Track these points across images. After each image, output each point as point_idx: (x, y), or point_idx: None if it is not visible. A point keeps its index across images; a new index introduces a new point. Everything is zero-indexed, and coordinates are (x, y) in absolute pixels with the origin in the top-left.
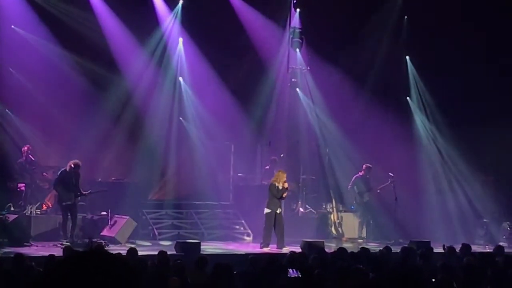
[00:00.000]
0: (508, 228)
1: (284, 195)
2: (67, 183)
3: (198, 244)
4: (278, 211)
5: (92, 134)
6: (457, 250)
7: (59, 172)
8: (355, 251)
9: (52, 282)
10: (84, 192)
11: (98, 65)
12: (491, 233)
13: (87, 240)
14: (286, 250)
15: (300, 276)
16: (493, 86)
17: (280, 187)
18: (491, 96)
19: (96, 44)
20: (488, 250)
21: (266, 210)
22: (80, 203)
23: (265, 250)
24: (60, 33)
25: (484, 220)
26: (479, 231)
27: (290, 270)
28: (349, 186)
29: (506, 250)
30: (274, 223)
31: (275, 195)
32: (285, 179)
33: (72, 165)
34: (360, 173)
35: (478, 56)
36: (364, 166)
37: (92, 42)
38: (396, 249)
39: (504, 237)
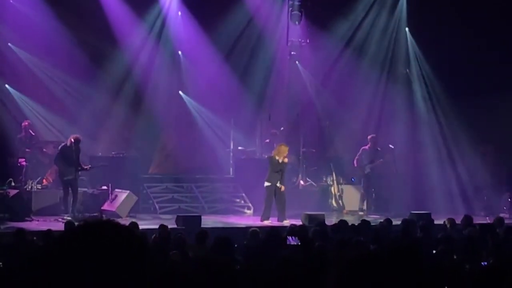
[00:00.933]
0: (509, 199)
1: (283, 171)
2: (68, 158)
3: (199, 218)
4: (278, 184)
5: (92, 109)
6: (458, 221)
7: (60, 147)
8: (356, 223)
9: (57, 255)
10: (85, 167)
11: (97, 39)
12: (492, 205)
13: (87, 215)
14: (286, 223)
15: (299, 244)
16: (492, 58)
17: (280, 161)
18: (491, 67)
19: (95, 18)
20: (489, 222)
21: (266, 183)
22: (80, 177)
23: (266, 223)
24: (59, 8)
25: (484, 191)
26: (479, 202)
27: (290, 238)
28: (355, 160)
29: (506, 221)
30: (275, 196)
31: (274, 168)
32: (286, 153)
33: (73, 140)
34: (367, 146)
35: (478, 27)
36: (369, 137)
37: (90, 16)
38: (396, 221)
39: (504, 208)
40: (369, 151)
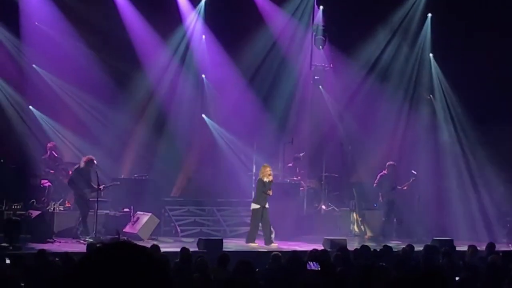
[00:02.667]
0: None
1: (269, 193)
2: (82, 180)
3: (221, 241)
4: (266, 206)
5: (115, 131)
6: (480, 248)
7: (74, 169)
8: (378, 249)
9: (78, 278)
10: (96, 187)
11: (121, 62)
12: None
13: (109, 237)
14: (274, 246)
15: (319, 269)
16: None
17: (267, 181)
18: None
19: (119, 40)
20: None
21: (254, 206)
22: (103, 199)
23: (252, 245)
24: (84, 30)
25: (507, 218)
26: (502, 229)
27: (310, 263)
28: (375, 184)
29: None
30: (261, 218)
31: (263, 190)
32: (269, 172)
33: (86, 161)
34: (384, 171)
35: (503, 53)
36: (387, 164)
37: (115, 39)
38: (418, 247)
39: None
40: (386, 177)
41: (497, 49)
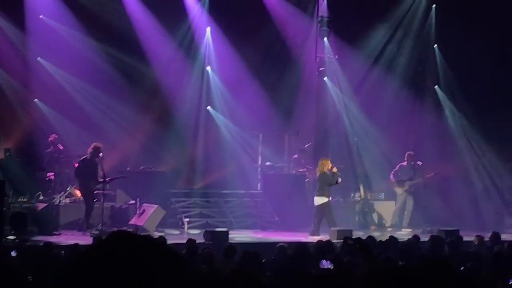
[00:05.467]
0: None
1: (339, 180)
2: (88, 171)
3: (227, 233)
4: (329, 199)
5: (121, 124)
6: (486, 239)
7: (80, 160)
8: (383, 239)
9: (86, 269)
10: (102, 180)
11: (127, 54)
12: None
13: (115, 229)
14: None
15: (332, 267)
16: None
17: (329, 173)
18: None
19: (124, 33)
20: None
21: (322, 200)
22: (109, 191)
23: (315, 237)
24: (89, 23)
25: None
26: (508, 220)
27: (323, 261)
28: (392, 175)
29: None
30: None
31: (329, 183)
32: (330, 164)
33: (92, 149)
34: (405, 162)
35: (507, 43)
36: (407, 154)
37: (120, 32)
38: (424, 237)
39: None
40: (406, 167)
41: (503, 40)
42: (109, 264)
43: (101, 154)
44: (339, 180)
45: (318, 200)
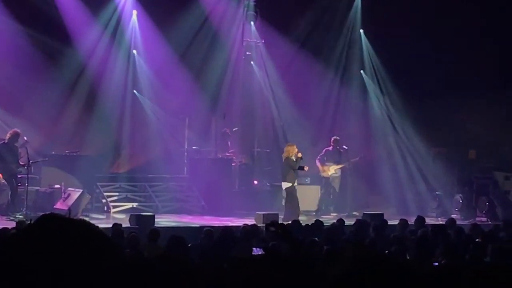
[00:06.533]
0: (460, 201)
1: (306, 168)
2: (8, 155)
3: (153, 217)
4: (295, 184)
5: (45, 107)
6: (410, 222)
7: None
8: (309, 223)
9: (11, 255)
10: (24, 163)
11: (51, 37)
12: (444, 206)
13: (40, 213)
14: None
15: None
16: (445, 59)
17: (295, 159)
18: (444, 68)
19: (48, 14)
20: (441, 222)
21: (286, 185)
22: (33, 175)
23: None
24: (11, 4)
25: (437, 192)
26: (431, 203)
27: (254, 249)
28: (318, 158)
29: (458, 222)
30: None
31: (294, 168)
32: (296, 150)
33: (10, 134)
34: (330, 147)
35: (431, 29)
36: (332, 138)
37: (44, 13)
38: (350, 221)
39: (456, 209)
40: (332, 151)
41: (431, 24)
42: (39, 247)
43: (25, 138)
44: (306, 168)
45: (284, 185)
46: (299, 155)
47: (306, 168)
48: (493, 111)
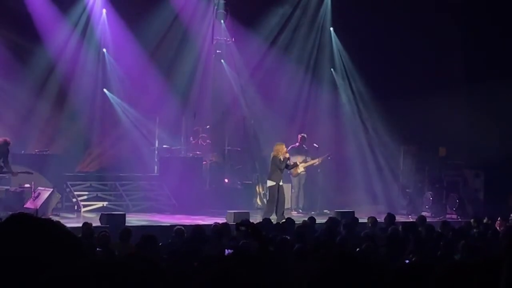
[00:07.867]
0: (430, 198)
1: (297, 170)
2: None
3: (123, 216)
4: (280, 183)
5: (15, 106)
6: (381, 220)
7: None
8: (280, 222)
9: None
10: (5, 171)
11: (20, 35)
12: (414, 203)
13: (10, 213)
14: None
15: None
16: (416, 58)
17: (282, 159)
18: (415, 67)
19: (17, 12)
20: (411, 220)
21: (270, 183)
22: (3, 175)
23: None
24: None
25: (407, 190)
26: (402, 201)
27: (226, 250)
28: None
29: (428, 220)
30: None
31: (280, 167)
32: (285, 150)
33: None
34: (296, 144)
35: (400, 28)
36: (299, 136)
37: (12, 12)
38: (321, 219)
39: (426, 206)
40: (297, 149)
41: (401, 24)
42: (7, 247)
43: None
44: (295, 170)
45: (268, 183)
46: (287, 155)
47: (294, 170)
48: (462, 108)
